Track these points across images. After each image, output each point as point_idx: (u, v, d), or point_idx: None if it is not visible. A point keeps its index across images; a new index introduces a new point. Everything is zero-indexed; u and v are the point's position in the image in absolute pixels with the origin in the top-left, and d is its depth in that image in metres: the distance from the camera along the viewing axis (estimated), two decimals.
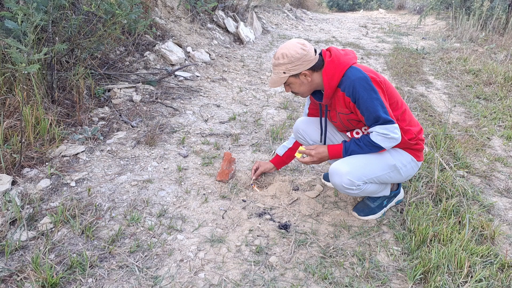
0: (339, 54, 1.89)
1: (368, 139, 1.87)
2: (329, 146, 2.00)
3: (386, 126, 1.80)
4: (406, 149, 2.01)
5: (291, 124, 3.35)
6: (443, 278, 1.67)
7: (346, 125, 2.03)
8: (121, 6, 3.03)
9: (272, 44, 7.05)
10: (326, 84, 1.89)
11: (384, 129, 1.81)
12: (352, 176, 1.88)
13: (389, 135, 1.81)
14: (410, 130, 1.96)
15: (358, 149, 1.91)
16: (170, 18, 5.46)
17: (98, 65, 3.60)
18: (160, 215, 2.04)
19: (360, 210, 2.14)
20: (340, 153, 1.97)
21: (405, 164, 2.00)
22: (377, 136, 1.83)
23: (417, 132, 2.00)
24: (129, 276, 1.64)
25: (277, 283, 1.65)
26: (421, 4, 14.45)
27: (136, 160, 2.55)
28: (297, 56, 1.83)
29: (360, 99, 1.80)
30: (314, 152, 2.01)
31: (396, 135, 1.82)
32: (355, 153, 1.92)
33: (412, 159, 2.02)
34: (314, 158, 2.02)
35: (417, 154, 2.03)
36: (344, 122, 2.01)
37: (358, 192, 1.95)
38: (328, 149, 2.00)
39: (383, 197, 2.15)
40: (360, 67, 1.87)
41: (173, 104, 3.52)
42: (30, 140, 2.43)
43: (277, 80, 1.92)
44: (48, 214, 1.93)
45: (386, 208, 2.17)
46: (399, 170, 1.99)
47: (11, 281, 1.56)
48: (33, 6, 2.32)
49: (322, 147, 2.01)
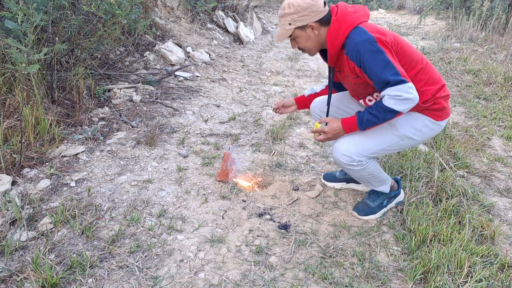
0: (346, 12, 1.75)
1: (381, 105, 1.71)
2: (342, 119, 1.85)
3: (398, 86, 1.64)
4: (422, 111, 1.87)
5: (291, 124, 3.35)
6: (443, 278, 1.67)
7: (356, 90, 1.90)
8: (121, 6, 3.03)
9: (272, 44, 7.05)
10: (330, 45, 1.78)
11: (396, 91, 1.65)
12: (350, 152, 1.84)
13: (402, 96, 1.65)
14: (427, 91, 1.80)
15: (373, 117, 1.75)
16: (170, 18, 5.46)
17: (98, 65, 3.60)
18: (160, 215, 2.04)
19: (360, 210, 2.14)
20: (355, 125, 1.81)
21: (420, 128, 1.88)
22: (389, 99, 1.67)
23: (435, 91, 1.83)
24: (129, 276, 1.64)
25: (277, 283, 1.65)
26: (421, 4, 14.45)
27: (136, 160, 2.55)
28: (304, 6, 1.72)
29: (365, 63, 1.68)
30: (328, 128, 1.87)
31: (411, 94, 1.65)
32: (370, 123, 1.77)
33: (430, 121, 1.87)
34: (329, 135, 1.88)
35: (436, 114, 1.87)
36: (352, 86, 1.89)
37: (360, 169, 1.90)
38: (342, 123, 1.85)
39: (383, 197, 2.14)
40: (366, 26, 1.72)
41: (173, 104, 3.52)
42: (30, 140, 2.43)
43: (282, 33, 1.82)
44: (48, 214, 1.93)
45: (386, 208, 2.17)
46: (412, 137, 1.89)
47: (11, 281, 1.56)
48: (33, 6, 2.32)
49: (335, 122, 1.86)
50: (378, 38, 1.68)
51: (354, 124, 1.82)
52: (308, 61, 5.97)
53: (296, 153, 2.86)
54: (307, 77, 5.03)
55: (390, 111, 1.70)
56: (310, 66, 5.61)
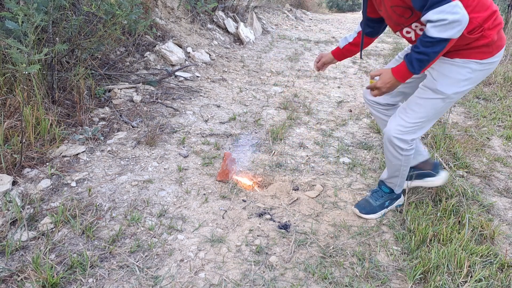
0: None
1: (426, 39, 1.52)
2: (392, 68, 1.70)
3: (440, 8, 1.43)
4: (463, 52, 1.65)
5: (291, 124, 3.36)
6: (443, 278, 1.67)
7: (393, 17, 1.72)
8: (121, 6, 3.03)
9: (272, 45, 7.05)
10: None
11: (439, 13, 1.44)
12: (402, 128, 1.82)
13: (447, 20, 1.43)
14: (473, 19, 1.56)
15: (422, 56, 1.55)
16: (170, 18, 5.47)
17: (99, 65, 3.60)
18: (160, 215, 2.05)
19: (362, 207, 2.15)
20: (406, 70, 1.64)
21: (467, 77, 1.69)
22: (433, 28, 1.48)
23: (483, 20, 1.58)
24: (130, 276, 1.65)
25: (277, 283, 1.66)
26: None
27: (137, 160, 2.56)
28: None
29: None
30: (380, 82, 1.73)
31: (457, 14, 1.43)
32: (422, 63, 1.58)
33: (477, 63, 1.66)
34: (383, 89, 1.74)
35: (483, 52, 1.64)
36: (389, 12, 1.71)
37: (406, 156, 1.90)
38: (392, 72, 1.70)
39: (386, 197, 2.15)
40: None
41: (173, 104, 3.53)
42: (31, 140, 2.43)
43: None
44: (49, 214, 1.93)
45: (387, 209, 2.17)
46: (461, 89, 1.73)
47: (11, 281, 1.57)
48: (34, 7, 2.32)
49: (386, 73, 1.72)
50: None
51: (405, 69, 1.64)
52: (308, 61, 5.97)
53: (296, 153, 2.87)
54: (307, 77, 5.03)
55: (439, 41, 1.49)
56: (310, 66, 5.61)
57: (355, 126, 3.46)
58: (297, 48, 6.88)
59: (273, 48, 6.82)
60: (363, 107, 3.98)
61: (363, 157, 2.87)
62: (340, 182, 2.51)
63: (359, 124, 3.53)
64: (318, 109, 3.84)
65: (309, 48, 7.04)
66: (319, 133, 3.26)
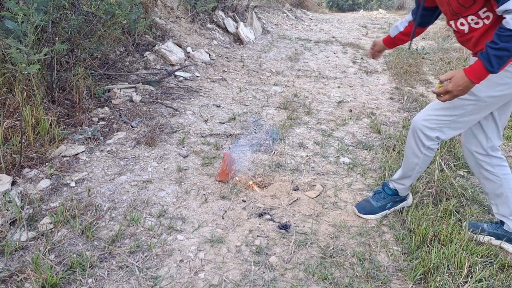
0: None
1: (506, 32, 1.36)
2: (465, 69, 1.54)
3: None
4: None
5: (291, 124, 3.35)
6: (443, 278, 1.67)
7: (453, 5, 1.60)
8: (121, 6, 3.03)
9: (272, 44, 7.05)
10: None
11: None
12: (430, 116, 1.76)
13: None
14: None
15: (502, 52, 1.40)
16: (170, 18, 5.46)
17: (98, 65, 3.60)
18: (160, 215, 2.04)
19: (362, 207, 2.14)
20: (483, 69, 1.48)
21: (504, 81, 1.59)
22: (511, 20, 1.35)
23: None
24: (129, 276, 1.64)
25: (277, 283, 1.65)
26: None
27: (136, 160, 2.56)
28: None
29: None
30: (452, 85, 1.56)
31: None
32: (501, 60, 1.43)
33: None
34: (455, 92, 1.57)
35: None
36: (450, 0, 1.60)
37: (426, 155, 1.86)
38: (465, 73, 1.52)
39: (388, 199, 2.12)
40: None
41: (173, 104, 3.52)
42: (30, 140, 2.43)
43: None
44: (48, 214, 1.93)
45: (389, 211, 2.15)
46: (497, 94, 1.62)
47: (11, 281, 1.56)
48: (33, 7, 2.32)
49: (458, 74, 1.55)
50: None
51: (481, 69, 1.48)
52: (308, 61, 5.97)
53: (296, 153, 2.86)
54: (307, 77, 5.03)
55: None
56: (310, 66, 5.61)
57: (355, 126, 3.46)
58: (297, 48, 6.88)
59: (273, 48, 6.81)
60: (363, 107, 3.97)
61: (363, 157, 2.87)
62: (340, 182, 2.51)
63: (359, 124, 3.52)
64: (318, 109, 3.84)
65: (309, 48, 7.04)
66: (319, 133, 3.26)
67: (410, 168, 2.00)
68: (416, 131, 1.87)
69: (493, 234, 1.96)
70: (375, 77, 5.25)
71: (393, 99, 4.33)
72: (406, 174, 2.05)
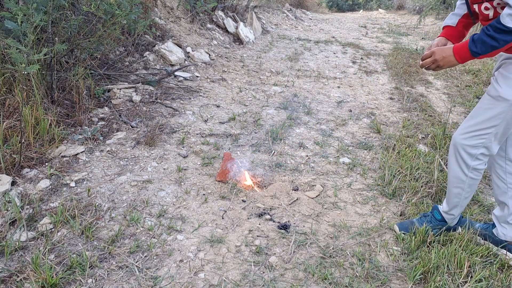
0: None
1: (499, 25, 1.40)
2: (455, 45, 1.58)
3: None
4: None
5: (291, 124, 3.35)
6: (443, 278, 1.67)
7: None
8: (120, 6, 3.03)
9: (271, 44, 7.05)
10: None
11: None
12: (469, 135, 1.62)
13: None
14: None
15: (489, 39, 1.43)
16: (169, 18, 5.46)
17: (98, 65, 3.60)
18: (160, 215, 2.04)
19: (404, 227, 1.96)
20: (467, 49, 1.50)
21: None
22: (509, 17, 1.37)
23: None
24: (129, 276, 1.64)
25: (277, 284, 1.65)
26: (421, 4, 14.45)
27: (136, 160, 2.55)
28: None
29: None
30: (437, 55, 1.60)
31: None
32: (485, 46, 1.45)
33: None
34: (439, 62, 1.61)
35: None
36: None
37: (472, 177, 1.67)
38: (453, 49, 1.57)
39: (435, 224, 1.92)
40: None
41: (172, 104, 3.52)
42: (30, 140, 2.43)
43: None
44: (48, 214, 1.93)
45: None
46: None
47: (11, 281, 1.56)
48: (33, 7, 2.32)
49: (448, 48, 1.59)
50: None
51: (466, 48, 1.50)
52: (307, 61, 5.97)
53: (296, 153, 2.86)
54: (307, 77, 5.02)
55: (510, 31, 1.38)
56: (310, 66, 5.61)
57: (355, 126, 3.46)
58: (297, 48, 6.88)
59: (273, 48, 6.81)
60: (363, 107, 3.97)
61: (363, 157, 2.87)
62: (340, 182, 2.51)
63: (359, 124, 3.52)
64: (318, 109, 3.84)
65: (309, 48, 7.04)
66: (319, 133, 3.26)
67: (455, 194, 1.80)
68: (458, 150, 1.68)
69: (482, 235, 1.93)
70: (375, 77, 5.25)
71: (393, 99, 4.34)
72: (453, 203, 1.84)
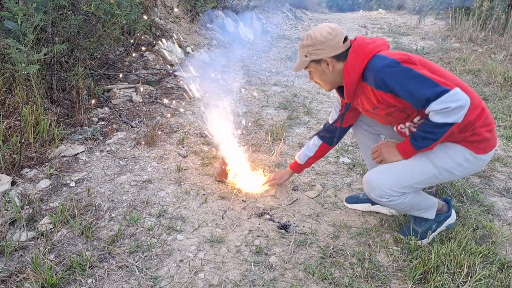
0: (363, 44, 1.66)
1: (431, 123, 1.55)
2: (398, 144, 1.75)
3: (441, 99, 1.47)
4: (461, 143, 1.68)
5: (291, 124, 3.35)
6: (443, 278, 1.67)
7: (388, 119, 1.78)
8: (120, 6, 3.03)
9: (271, 44, 7.04)
10: (346, 78, 1.68)
11: (441, 103, 1.48)
12: (384, 186, 1.72)
13: (450, 107, 1.47)
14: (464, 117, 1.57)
15: (427, 134, 1.59)
16: (169, 18, 5.46)
17: (98, 65, 3.59)
18: (159, 215, 2.04)
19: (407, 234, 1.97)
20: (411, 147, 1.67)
21: (459, 162, 1.69)
22: (436, 115, 1.52)
23: (474, 119, 1.63)
24: (129, 276, 1.64)
25: (276, 283, 1.65)
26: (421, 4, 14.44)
27: (136, 160, 2.55)
28: (321, 39, 1.66)
29: (395, 87, 1.55)
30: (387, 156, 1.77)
31: (459, 101, 1.48)
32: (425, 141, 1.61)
33: (471, 155, 1.67)
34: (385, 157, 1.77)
35: (477, 147, 1.67)
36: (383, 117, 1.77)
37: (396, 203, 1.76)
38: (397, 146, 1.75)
39: (431, 222, 1.95)
40: (386, 53, 1.61)
41: (172, 104, 3.52)
42: (30, 140, 2.43)
43: (299, 64, 1.79)
44: (48, 214, 1.93)
45: (436, 232, 1.97)
46: (451, 171, 1.71)
47: (10, 281, 1.56)
48: (33, 7, 2.32)
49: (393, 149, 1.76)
50: (400, 59, 1.56)
51: (409, 147, 1.68)
52: None
53: (296, 153, 2.86)
54: (307, 77, 5.02)
55: (443, 125, 1.54)
56: None
57: None
58: (297, 48, 6.87)
59: (273, 47, 6.81)
60: None
61: (363, 157, 2.87)
62: (340, 182, 2.51)
63: None
64: (317, 109, 3.84)
65: None
66: None
67: (406, 210, 1.90)
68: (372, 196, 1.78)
69: None
70: None
71: None
72: (415, 214, 1.93)
